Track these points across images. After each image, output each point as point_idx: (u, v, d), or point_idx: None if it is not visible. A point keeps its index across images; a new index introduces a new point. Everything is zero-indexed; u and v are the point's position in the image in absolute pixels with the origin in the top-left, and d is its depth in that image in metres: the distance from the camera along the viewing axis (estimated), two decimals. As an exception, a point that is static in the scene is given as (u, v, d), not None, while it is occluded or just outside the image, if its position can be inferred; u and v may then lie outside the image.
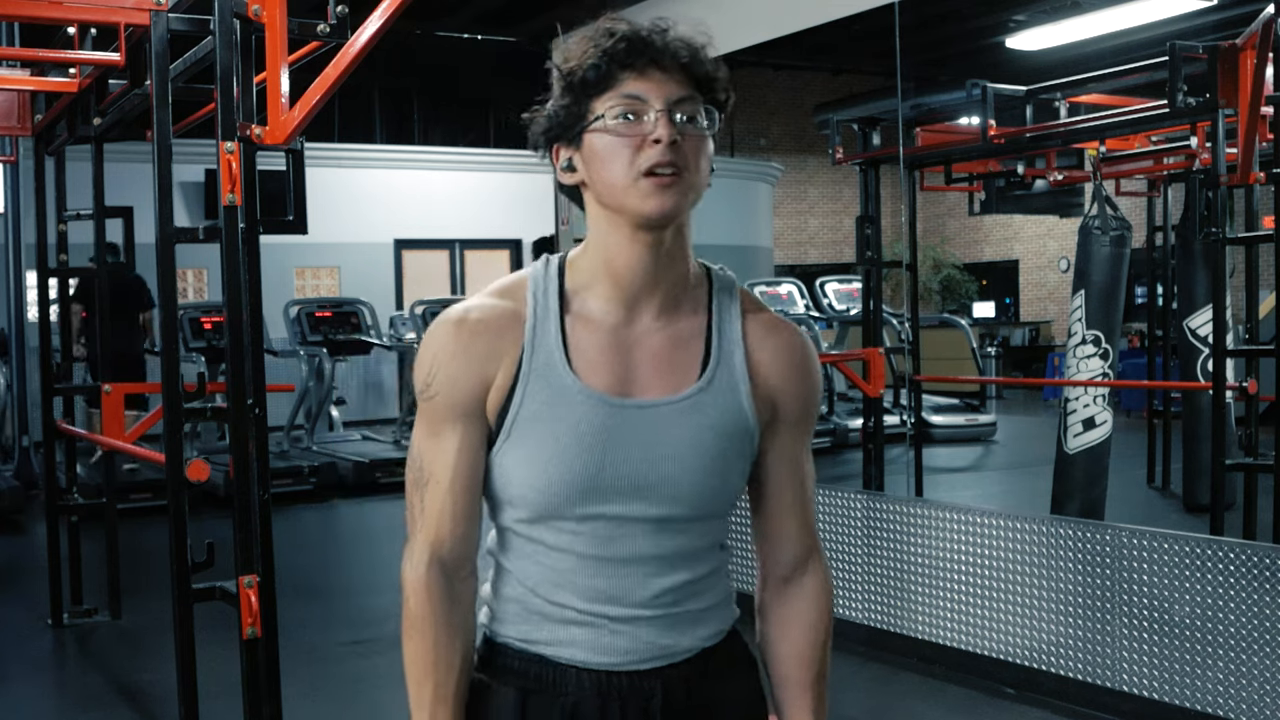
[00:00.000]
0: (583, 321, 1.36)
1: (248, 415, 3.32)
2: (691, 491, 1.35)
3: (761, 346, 1.40)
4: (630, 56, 1.30)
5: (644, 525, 1.34)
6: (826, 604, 1.46)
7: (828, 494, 4.95)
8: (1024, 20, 10.24)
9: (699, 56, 1.34)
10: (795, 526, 1.45)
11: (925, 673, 4.45)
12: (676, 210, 1.32)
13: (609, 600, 1.35)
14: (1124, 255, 6.12)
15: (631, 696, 1.36)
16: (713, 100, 1.35)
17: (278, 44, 3.22)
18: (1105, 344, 6.04)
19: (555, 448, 1.32)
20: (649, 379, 1.35)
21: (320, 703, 4.30)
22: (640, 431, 1.33)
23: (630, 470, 1.33)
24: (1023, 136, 6.19)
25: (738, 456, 1.38)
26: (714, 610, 1.42)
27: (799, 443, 1.44)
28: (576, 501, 1.33)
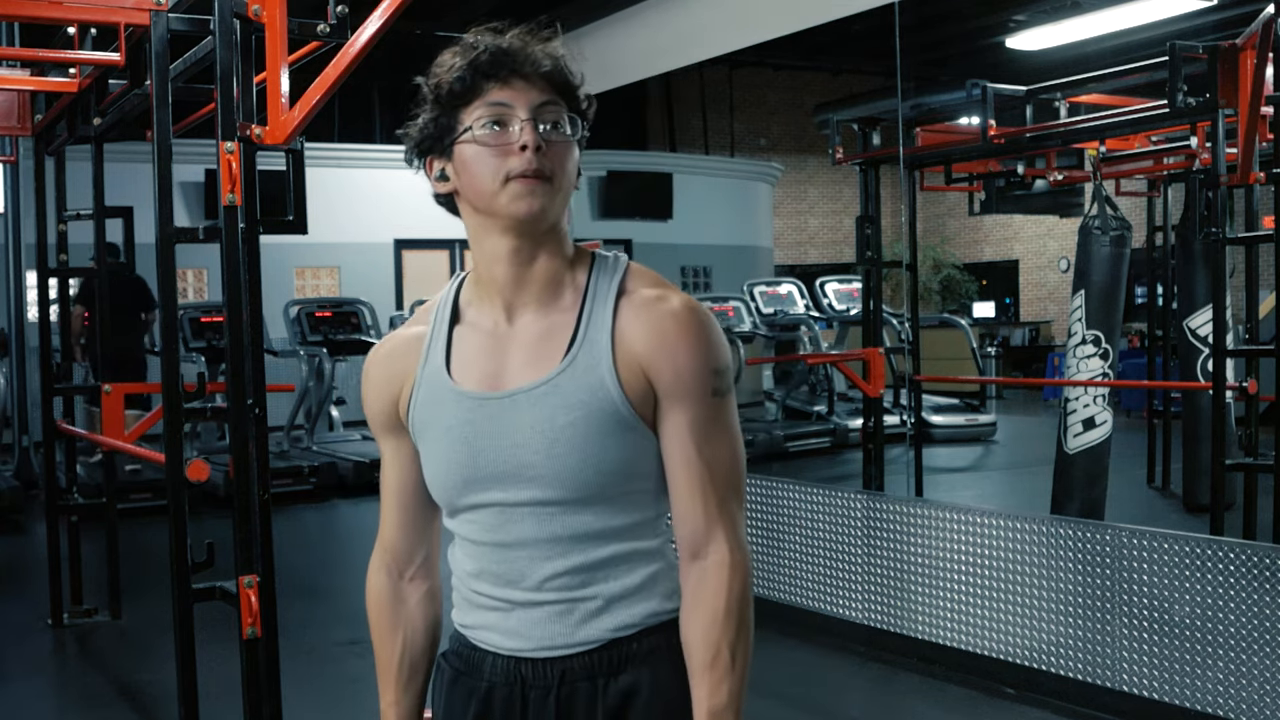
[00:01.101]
0: (469, 329, 1.46)
1: (248, 415, 3.32)
2: (552, 474, 1.38)
3: (631, 323, 1.40)
4: (493, 67, 1.36)
5: (524, 510, 1.41)
6: (725, 585, 1.39)
7: (828, 494, 4.95)
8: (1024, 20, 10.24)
9: (560, 65, 1.39)
10: (688, 506, 1.41)
11: (925, 673, 4.45)
12: (544, 211, 1.38)
13: (507, 584, 1.44)
14: (1124, 255, 6.12)
15: (537, 684, 1.43)
16: (575, 108, 1.41)
17: (278, 44, 3.22)
18: (1105, 344, 6.04)
19: (436, 446, 1.45)
20: (517, 371, 1.41)
21: (320, 703, 4.30)
22: (499, 420, 1.40)
23: (495, 458, 1.40)
24: (1023, 136, 6.19)
25: (607, 435, 1.37)
26: (624, 601, 1.42)
27: (686, 418, 1.39)
28: (460, 492, 1.44)
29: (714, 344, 1.41)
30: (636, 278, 1.44)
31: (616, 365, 1.38)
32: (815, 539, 4.94)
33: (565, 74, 1.39)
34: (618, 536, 1.41)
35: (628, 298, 1.42)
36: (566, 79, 1.39)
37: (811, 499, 4.96)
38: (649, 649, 1.42)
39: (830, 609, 4.88)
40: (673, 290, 1.44)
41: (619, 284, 1.43)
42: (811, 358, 9.92)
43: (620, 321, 1.40)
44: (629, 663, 1.41)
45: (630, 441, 1.39)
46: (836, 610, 4.86)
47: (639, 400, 1.38)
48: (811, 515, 4.95)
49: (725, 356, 1.42)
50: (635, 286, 1.43)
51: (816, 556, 4.94)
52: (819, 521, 4.93)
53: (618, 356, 1.38)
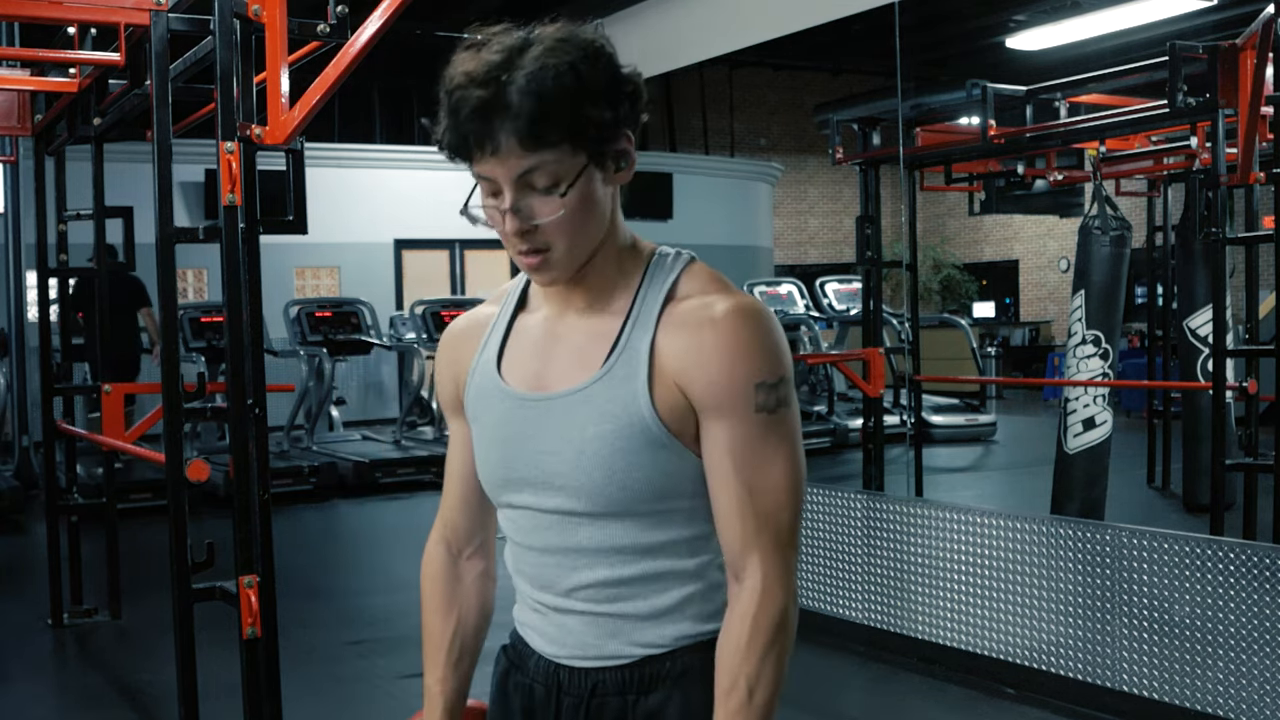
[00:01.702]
0: (530, 319, 1.43)
1: (248, 415, 3.32)
2: (577, 485, 1.33)
3: (673, 331, 1.31)
4: (473, 137, 1.26)
5: (551, 517, 1.37)
6: (751, 615, 1.30)
7: (828, 494, 4.95)
8: (1024, 20, 10.24)
9: (542, 109, 1.23)
10: (726, 528, 1.33)
11: (925, 673, 4.45)
12: (559, 278, 1.34)
13: (542, 587, 1.41)
14: (1124, 255, 6.12)
15: (571, 692, 1.40)
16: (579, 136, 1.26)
17: (278, 44, 3.22)
18: (1105, 344, 6.04)
19: (481, 441, 1.43)
20: (561, 373, 1.37)
21: (320, 703, 4.30)
22: (535, 424, 1.36)
23: (527, 462, 1.37)
24: (1023, 136, 6.19)
25: (636, 451, 1.30)
26: (654, 620, 1.37)
27: (725, 436, 1.30)
28: (498, 492, 1.43)
29: (762, 353, 1.29)
30: (692, 279, 1.35)
31: (652, 378, 1.31)
32: (815, 539, 4.94)
33: (551, 115, 1.24)
34: (648, 554, 1.35)
35: (674, 304, 1.33)
36: (555, 120, 1.24)
37: (811, 499, 4.96)
38: (681, 670, 1.37)
39: (830, 609, 4.88)
40: (725, 293, 1.33)
41: (670, 287, 1.34)
42: (811, 358, 9.92)
43: (661, 330, 1.32)
44: (660, 682, 1.37)
45: (661, 459, 1.31)
46: (836, 610, 4.86)
47: (674, 417, 1.31)
48: (811, 515, 4.95)
49: (777, 368, 1.30)
50: (687, 290, 1.34)
51: (816, 556, 4.94)
52: (819, 521, 4.93)
53: (654, 369, 1.31)
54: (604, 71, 1.29)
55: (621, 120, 1.31)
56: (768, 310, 1.33)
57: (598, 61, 1.29)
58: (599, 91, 1.27)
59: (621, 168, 1.33)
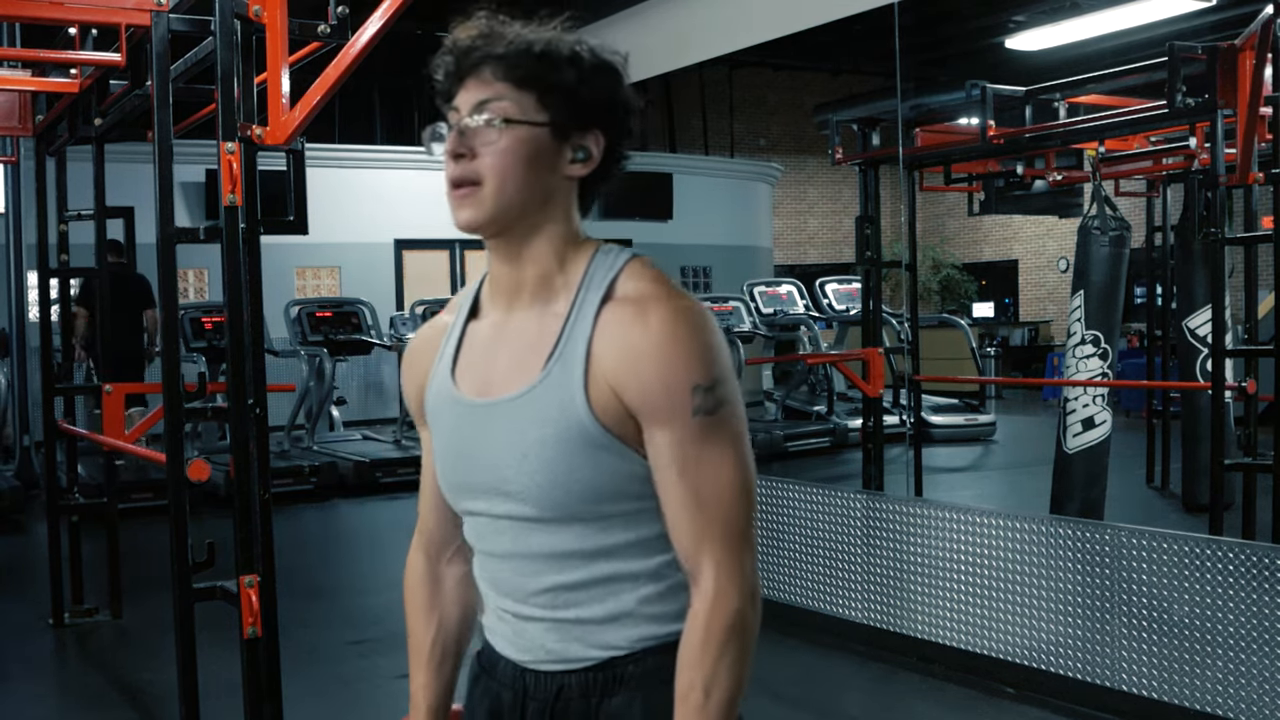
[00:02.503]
0: (482, 324, 1.43)
1: (248, 415, 3.32)
2: (524, 489, 1.33)
3: (607, 335, 1.30)
4: (454, 66, 1.32)
5: (505, 523, 1.38)
6: (704, 618, 1.29)
7: (828, 494, 4.96)
8: (1024, 20, 10.25)
9: (524, 48, 1.30)
10: (675, 532, 1.31)
11: (925, 672, 4.45)
12: (477, 222, 1.33)
13: (503, 594, 1.42)
14: (1123, 255, 6.12)
15: (536, 696, 1.41)
16: (546, 91, 1.31)
17: (278, 44, 3.23)
18: (1104, 344, 6.05)
19: (439, 449, 1.45)
20: (503, 379, 1.36)
21: (321, 702, 4.30)
22: (483, 429, 1.37)
23: (477, 468, 1.38)
24: (1022, 137, 6.19)
25: (576, 454, 1.30)
26: (611, 624, 1.36)
27: (665, 440, 1.29)
28: (455, 498, 1.44)
29: (696, 357, 1.28)
30: (630, 278, 1.34)
31: (588, 381, 1.29)
32: (815, 539, 4.94)
33: (532, 56, 1.29)
34: (601, 557, 1.34)
35: (611, 305, 1.32)
36: (533, 61, 1.29)
37: (811, 499, 4.96)
38: (644, 672, 1.36)
39: (830, 609, 4.89)
40: (661, 294, 1.31)
41: (609, 286, 1.33)
42: (811, 358, 9.92)
43: (598, 333, 1.30)
44: (622, 684, 1.36)
45: (603, 461, 1.30)
46: (836, 610, 4.86)
47: (612, 419, 1.30)
48: (811, 515, 4.95)
49: (714, 369, 1.29)
50: (624, 289, 1.32)
51: (816, 556, 4.94)
52: (819, 521, 4.93)
53: (590, 371, 1.30)
54: (605, 71, 1.35)
55: (599, 117, 1.34)
56: (703, 310, 1.32)
57: (604, 65, 1.35)
58: (589, 77, 1.33)
59: (578, 159, 1.35)
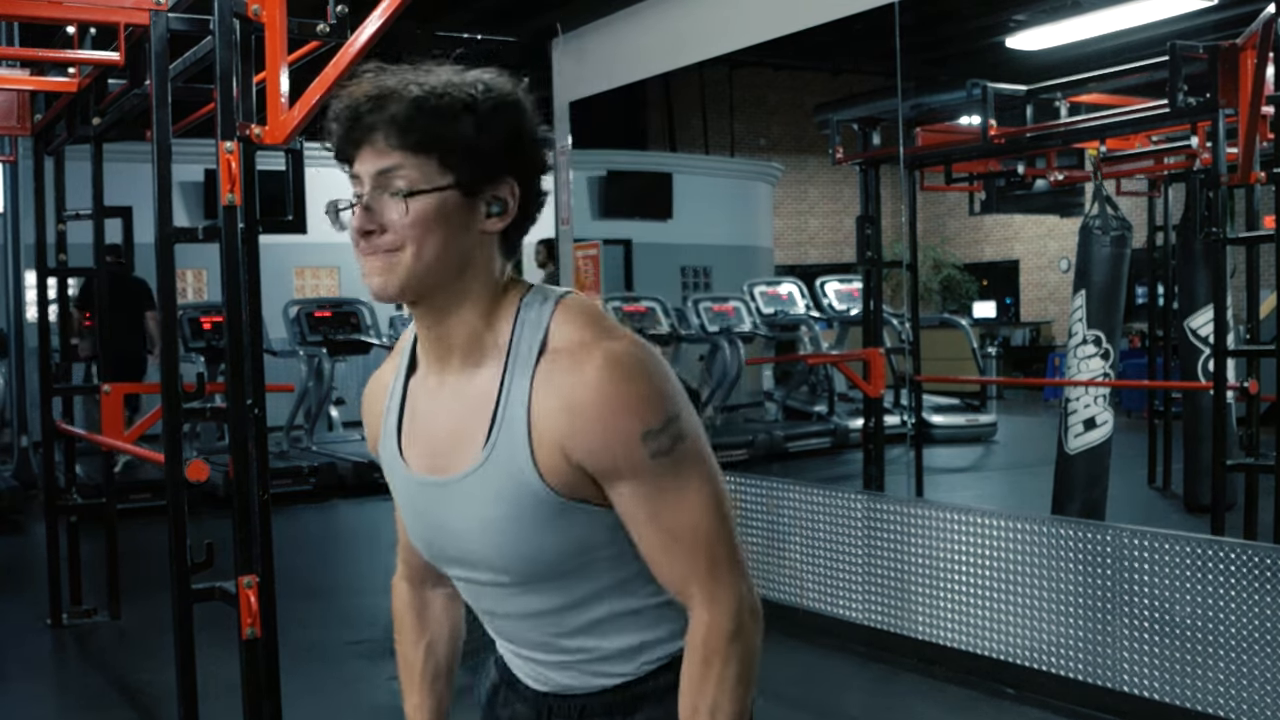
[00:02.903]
0: (420, 383, 1.39)
1: (247, 415, 3.31)
2: (497, 561, 1.32)
3: (545, 395, 1.25)
4: (349, 137, 1.26)
5: (484, 588, 1.39)
6: (699, 646, 1.29)
7: (828, 494, 4.95)
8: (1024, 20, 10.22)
9: (416, 116, 1.23)
10: (661, 572, 1.30)
11: (926, 673, 4.45)
12: (390, 290, 1.26)
13: (507, 639, 1.46)
14: (1124, 255, 6.11)
15: (560, 713, 1.44)
16: (448, 152, 1.24)
17: (277, 44, 3.22)
18: (1106, 344, 6.04)
19: (401, 512, 1.46)
20: (451, 454, 1.32)
21: (320, 703, 4.29)
22: (441, 505, 1.35)
23: (445, 542, 1.38)
24: (1023, 136, 6.19)
25: (539, 524, 1.27)
26: (618, 658, 1.38)
27: (627, 492, 1.26)
28: (432, 562, 1.45)
29: (641, 403, 1.23)
30: (562, 325, 1.27)
31: (534, 451, 1.25)
32: (816, 539, 4.94)
33: (425, 115, 1.22)
34: (590, 602, 1.35)
35: (546, 359, 1.26)
36: (427, 121, 1.23)
37: (812, 499, 4.96)
38: (665, 686, 1.37)
39: (831, 609, 4.88)
40: (593, 340, 1.25)
41: (541, 340, 1.27)
42: (812, 358, 9.91)
43: (536, 394, 1.25)
44: (644, 701, 1.39)
45: (567, 524, 1.28)
46: (837, 611, 4.85)
47: (566, 482, 1.26)
48: (812, 515, 4.95)
49: (662, 409, 1.24)
50: (557, 341, 1.27)
51: (817, 557, 4.93)
52: (819, 522, 4.92)
53: (534, 440, 1.25)
54: (504, 113, 1.26)
55: (507, 165, 1.27)
56: (641, 348, 1.26)
57: (502, 103, 1.26)
58: (487, 123, 1.24)
59: (494, 214, 1.27)
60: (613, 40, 6.38)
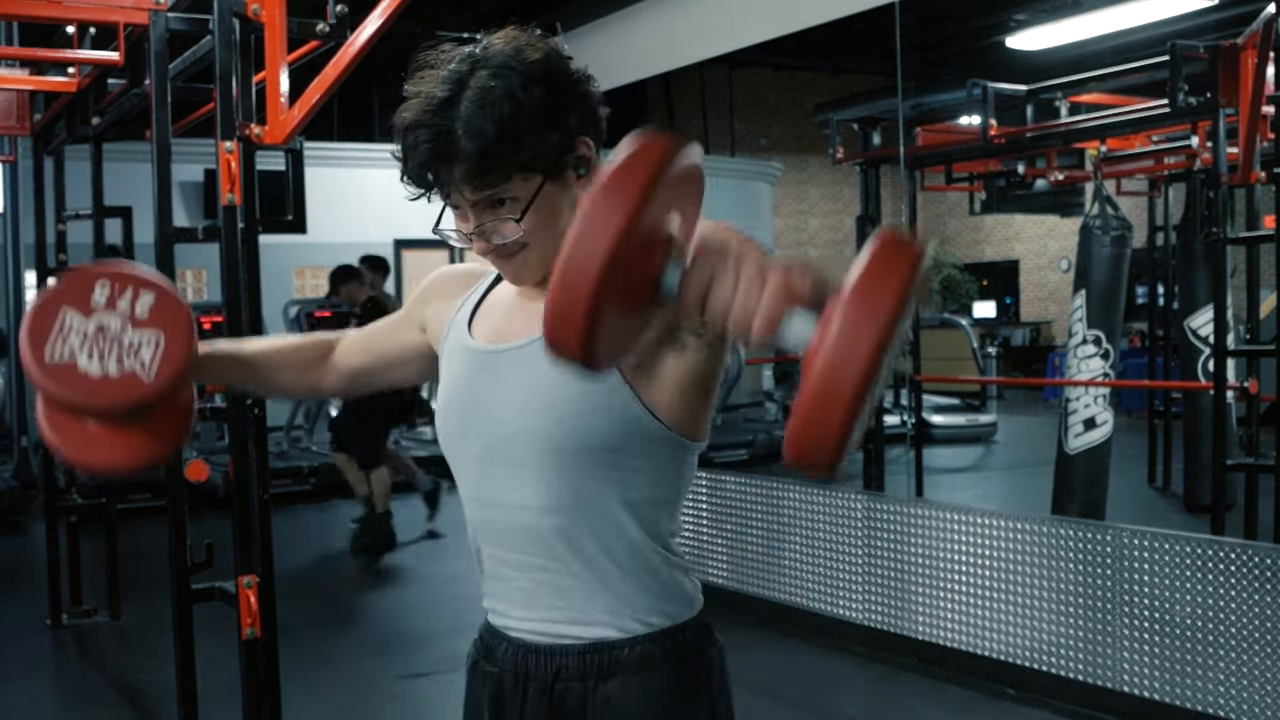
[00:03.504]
0: (502, 293, 1.48)
1: (247, 415, 3.31)
2: (527, 431, 1.35)
3: None
4: (433, 178, 1.33)
5: (504, 468, 1.38)
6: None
7: (828, 494, 4.94)
8: (1024, 20, 10.23)
9: (487, 155, 1.28)
10: None
11: (926, 673, 4.44)
12: (529, 279, 1.39)
13: (498, 545, 1.43)
14: (1125, 255, 6.12)
15: (536, 678, 1.42)
16: (524, 164, 1.30)
17: (277, 43, 3.22)
18: (1106, 344, 6.04)
19: (442, 393, 1.48)
20: (522, 328, 1.39)
21: (320, 703, 4.29)
22: (492, 375, 1.40)
23: (480, 410, 1.41)
24: (1023, 136, 6.19)
25: (593, 396, 1.31)
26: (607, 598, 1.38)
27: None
28: (451, 443, 1.45)
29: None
30: None
31: None
32: (815, 539, 4.93)
33: (495, 153, 1.28)
34: (609, 511, 1.36)
35: None
36: (498, 152, 1.28)
37: (812, 499, 4.95)
38: (640, 657, 1.38)
39: (830, 609, 4.88)
40: None
41: None
42: (812, 358, 9.87)
43: None
44: (618, 667, 1.39)
45: (614, 413, 1.32)
46: (837, 611, 4.85)
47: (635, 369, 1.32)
48: (812, 515, 4.94)
49: None
50: None
51: (817, 557, 4.93)
52: (819, 522, 4.92)
53: None
54: (544, 92, 1.30)
55: (573, 133, 1.33)
56: None
57: (538, 82, 1.30)
58: (541, 115, 1.30)
59: (583, 173, 1.36)
60: (613, 40, 6.38)
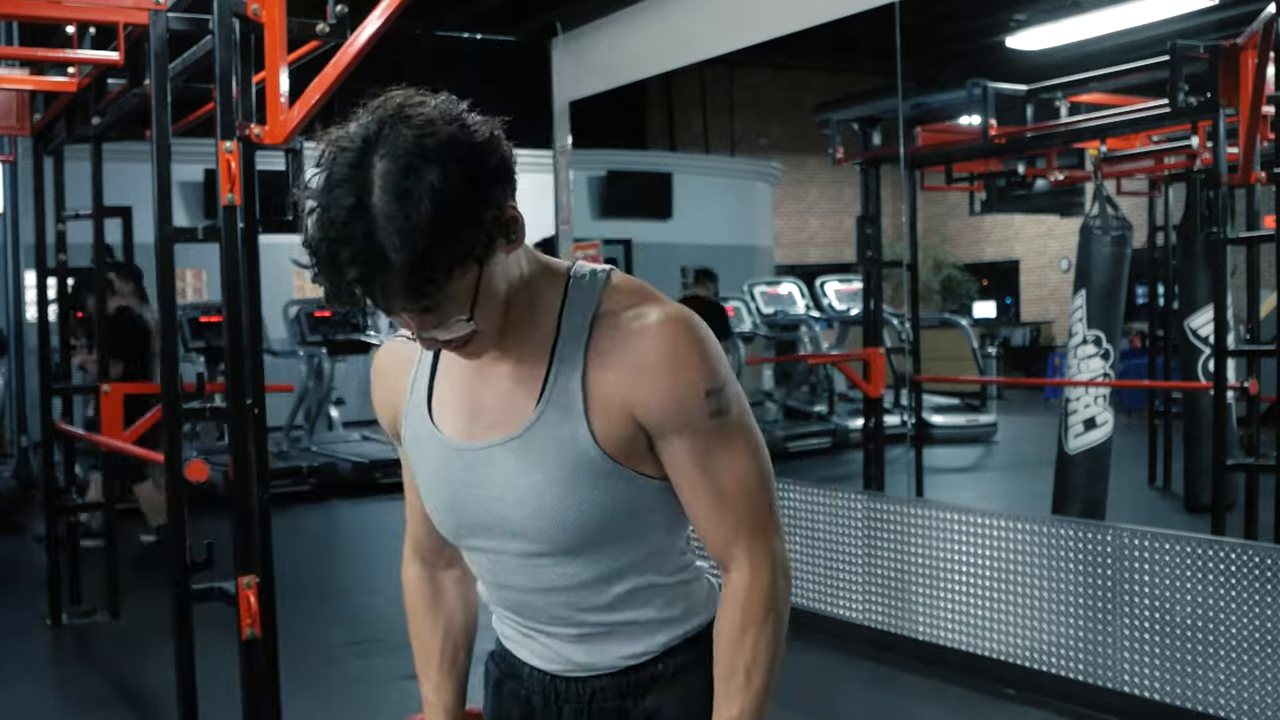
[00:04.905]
0: (454, 356, 1.35)
1: (247, 415, 3.31)
2: (533, 529, 1.32)
3: (604, 357, 1.28)
4: (366, 298, 1.18)
5: (515, 559, 1.37)
6: (741, 605, 1.34)
7: (828, 494, 4.95)
8: (1024, 20, 10.22)
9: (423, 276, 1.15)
10: (705, 529, 1.35)
11: (926, 673, 4.44)
12: (483, 353, 1.31)
13: (526, 617, 1.43)
14: (1125, 255, 6.11)
15: (570, 699, 1.43)
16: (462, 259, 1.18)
17: (277, 43, 3.22)
18: (1106, 344, 6.03)
19: (424, 485, 1.43)
20: (492, 419, 1.34)
21: (320, 703, 4.29)
22: (477, 472, 1.35)
23: (474, 510, 1.37)
24: (1023, 136, 6.19)
25: (585, 487, 1.30)
26: (640, 633, 1.39)
27: (685, 448, 1.31)
28: (452, 534, 1.43)
29: (703, 362, 1.28)
30: (615, 295, 1.31)
31: (589, 413, 1.29)
32: (816, 539, 4.93)
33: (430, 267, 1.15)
34: (619, 576, 1.36)
35: (601, 324, 1.29)
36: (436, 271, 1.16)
37: (812, 499, 4.95)
38: (675, 669, 1.40)
39: (831, 609, 4.88)
40: (653, 305, 1.30)
41: (594, 308, 1.30)
42: (812, 358, 9.91)
43: (592, 358, 1.28)
44: (655, 683, 1.40)
45: (612, 490, 1.31)
46: (837, 611, 4.85)
47: (619, 446, 1.30)
48: (812, 515, 4.94)
49: (719, 373, 1.30)
50: (612, 307, 1.30)
51: (817, 557, 4.93)
52: (819, 522, 4.92)
53: (590, 402, 1.28)
54: (462, 174, 1.16)
55: (498, 199, 1.20)
56: (696, 317, 1.30)
57: (455, 164, 1.15)
58: (467, 204, 1.16)
59: (513, 239, 1.24)
60: (613, 40, 6.38)
